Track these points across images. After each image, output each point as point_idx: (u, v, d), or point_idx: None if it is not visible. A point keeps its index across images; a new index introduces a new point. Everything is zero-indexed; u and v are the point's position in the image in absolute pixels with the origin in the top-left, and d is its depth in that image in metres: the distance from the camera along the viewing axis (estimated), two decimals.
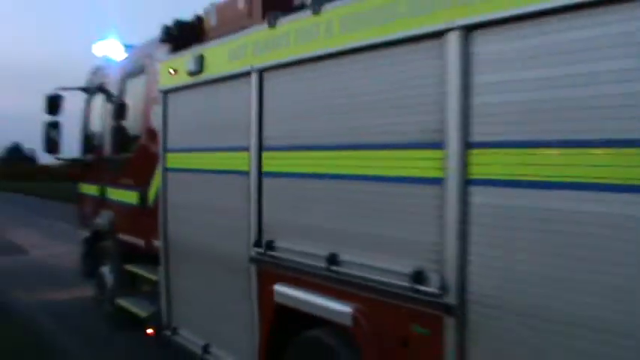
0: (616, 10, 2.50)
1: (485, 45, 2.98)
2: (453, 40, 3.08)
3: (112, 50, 8.24)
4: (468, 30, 3.03)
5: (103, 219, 8.17)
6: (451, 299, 3.13)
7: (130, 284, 7.61)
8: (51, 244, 15.64)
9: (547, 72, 2.75)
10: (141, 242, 7.00)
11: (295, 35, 4.22)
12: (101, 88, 8.17)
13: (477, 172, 3.03)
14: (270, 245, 4.51)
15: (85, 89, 8.95)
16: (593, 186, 2.59)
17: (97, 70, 8.78)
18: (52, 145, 8.62)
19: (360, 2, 3.66)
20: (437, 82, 3.17)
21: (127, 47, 8.03)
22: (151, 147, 6.60)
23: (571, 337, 2.66)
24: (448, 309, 3.14)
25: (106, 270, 8.20)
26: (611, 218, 2.51)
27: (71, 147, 9.23)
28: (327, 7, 3.91)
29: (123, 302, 7.50)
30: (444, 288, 3.15)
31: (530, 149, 2.82)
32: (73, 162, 9.84)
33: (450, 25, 3.09)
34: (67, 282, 10.57)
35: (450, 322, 3.15)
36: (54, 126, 8.55)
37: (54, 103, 8.36)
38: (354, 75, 3.75)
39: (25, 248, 15.55)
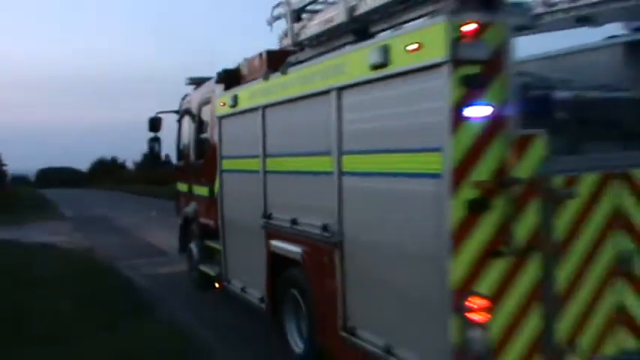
0: (391, 82, 4.86)
1: (347, 98, 5.45)
2: (333, 95, 5.57)
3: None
4: (340, 89, 5.50)
5: (190, 208, 11.08)
6: (336, 239, 5.63)
7: (208, 255, 10.40)
8: None
9: (372, 113, 5.16)
10: (212, 223, 9.80)
11: (278, 86, 6.82)
12: (187, 111, 11.07)
13: (345, 167, 5.50)
14: (269, 216, 7.14)
15: (176, 112, 11.93)
16: (390, 174, 4.92)
17: (185, 97, 11.75)
18: (155, 155, 11.64)
19: (300, 71, 6.25)
20: (327, 118, 5.66)
21: (203, 79, 10.85)
22: (215, 155, 9.36)
23: (386, 258, 4.98)
24: (335, 245, 5.65)
25: (193, 246, 11.11)
26: (401, 191, 4.76)
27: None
28: (290, 71, 6.50)
29: (203, 268, 10.32)
30: (333, 233, 5.66)
31: (367, 155, 5.23)
32: (174, 167, 12.90)
33: (331, 87, 5.58)
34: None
35: (336, 252, 5.65)
36: (156, 140, 11.55)
37: (155, 123, 11.32)
38: (296, 112, 6.34)
39: (165, 250, 15.69)
